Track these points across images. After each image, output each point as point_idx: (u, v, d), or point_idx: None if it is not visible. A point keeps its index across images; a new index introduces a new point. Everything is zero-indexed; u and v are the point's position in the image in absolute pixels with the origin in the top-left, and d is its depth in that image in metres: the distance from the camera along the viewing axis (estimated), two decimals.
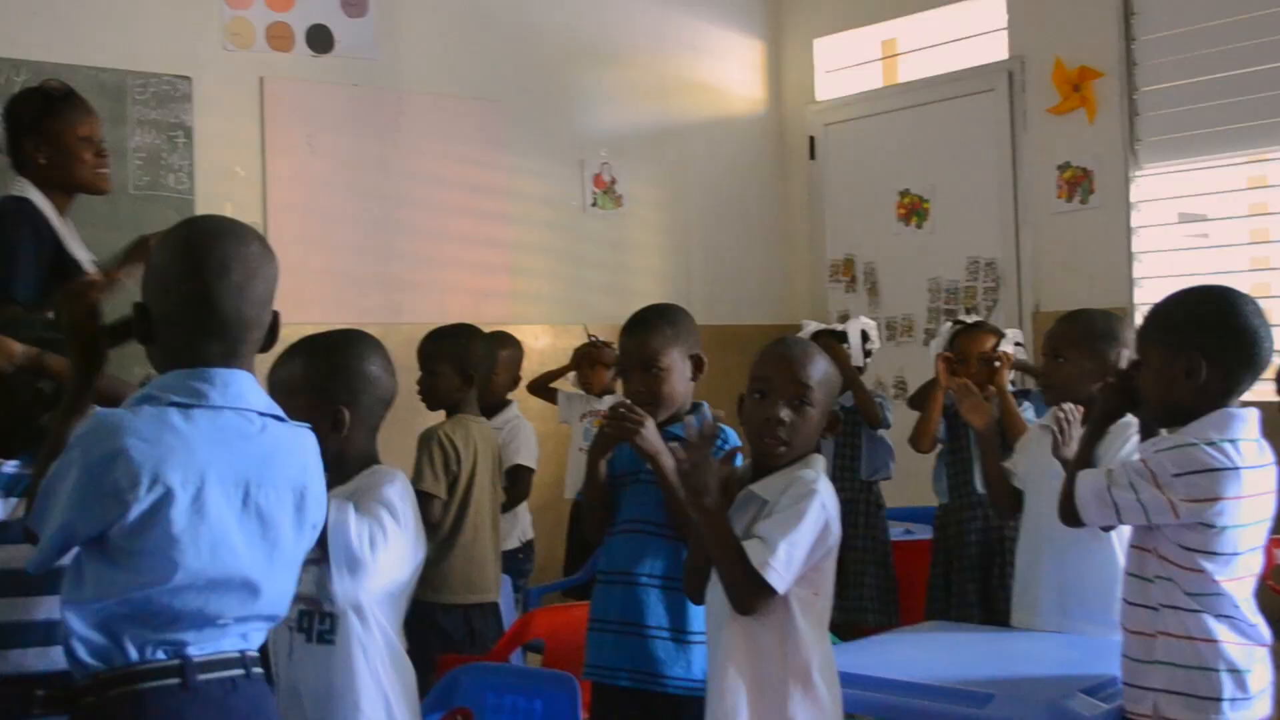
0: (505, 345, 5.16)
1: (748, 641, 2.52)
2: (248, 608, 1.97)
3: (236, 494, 1.95)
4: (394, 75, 6.21)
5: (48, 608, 2.46)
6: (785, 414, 2.56)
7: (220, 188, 5.66)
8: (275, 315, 2.09)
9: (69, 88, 3.80)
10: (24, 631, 2.48)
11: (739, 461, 2.66)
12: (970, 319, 4.99)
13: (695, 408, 3.11)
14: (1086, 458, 2.92)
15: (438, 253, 6.26)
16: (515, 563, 4.86)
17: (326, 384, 2.51)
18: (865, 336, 5.16)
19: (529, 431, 5.04)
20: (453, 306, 6.01)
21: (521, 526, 5.08)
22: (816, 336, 4.97)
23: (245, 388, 2.01)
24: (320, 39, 6.00)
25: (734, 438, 2.95)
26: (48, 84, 3.80)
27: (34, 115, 3.69)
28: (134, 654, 1.90)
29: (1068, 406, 3.23)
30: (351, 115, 6.07)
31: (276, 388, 2.54)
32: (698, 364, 3.11)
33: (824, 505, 2.47)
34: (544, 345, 6.42)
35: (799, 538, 2.44)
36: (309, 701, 2.39)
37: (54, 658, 2.46)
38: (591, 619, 3.11)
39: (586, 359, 5.82)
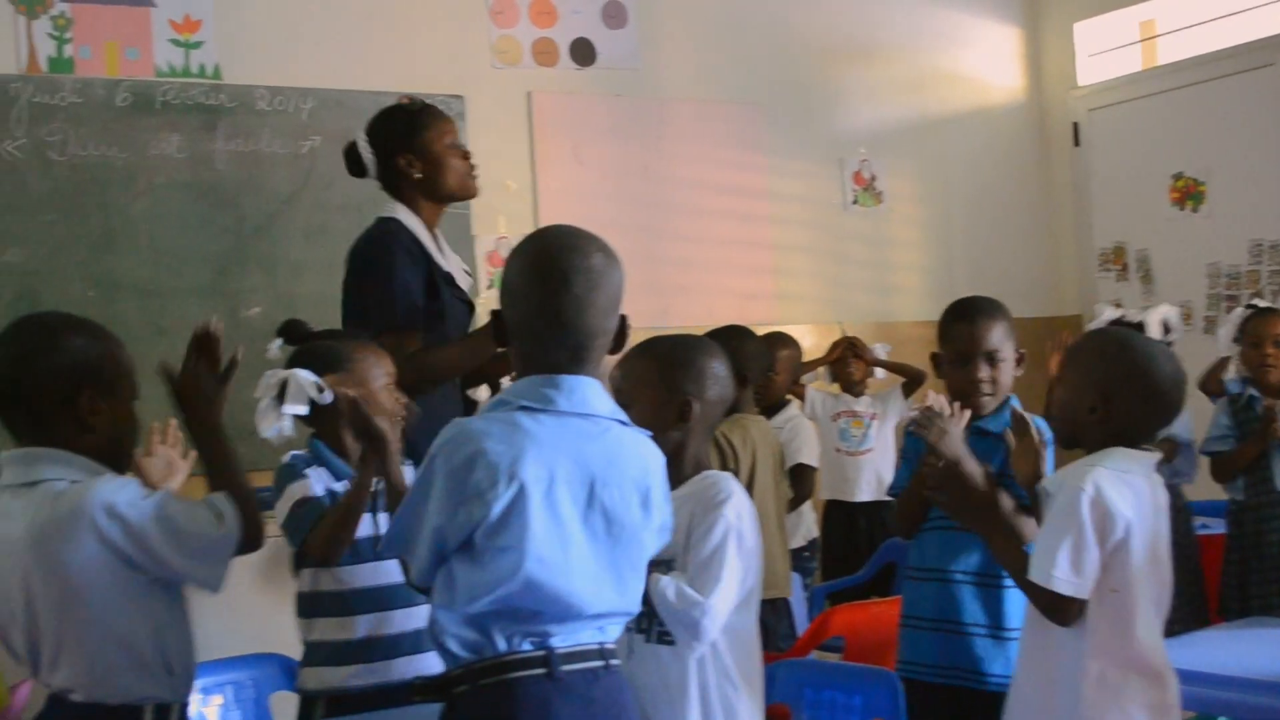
0: (783, 345, 5.15)
1: (1040, 638, 2.51)
2: (601, 603, 2.02)
3: (582, 492, 2.00)
4: (655, 84, 6.30)
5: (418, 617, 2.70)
6: None
7: (494, 201, 5.81)
8: (622, 320, 2.13)
9: (424, 101, 3.77)
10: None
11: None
12: (1261, 303, 4.79)
13: (1002, 404, 3.08)
14: None
15: (702, 256, 6.33)
16: (801, 561, 4.86)
17: (675, 377, 2.54)
18: (1166, 327, 4.90)
19: (809, 430, 5.03)
20: (718, 308, 6.05)
21: (806, 525, 5.08)
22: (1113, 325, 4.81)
23: (590, 394, 2.06)
24: (583, 52, 6.14)
25: (1045, 428, 2.94)
26: (404, 102, 3.77)
27: (403, 132, 3.58)
28: (502, 645, 1.96)
29: None
30: (615, 125, 6.19)
31: (624, 380, 2.59)
32: (1020, 359, 3.11)
33: (1093, 500, 2.41)
34: (809, 345, 6.37)
35: (1081, 538, 2.39)
36: (648, 700, 2.43)
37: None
38: (904, 616, 3.10)
39: (851, 351, 5.75)
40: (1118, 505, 2.42)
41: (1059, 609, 2.41)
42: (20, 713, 3.21)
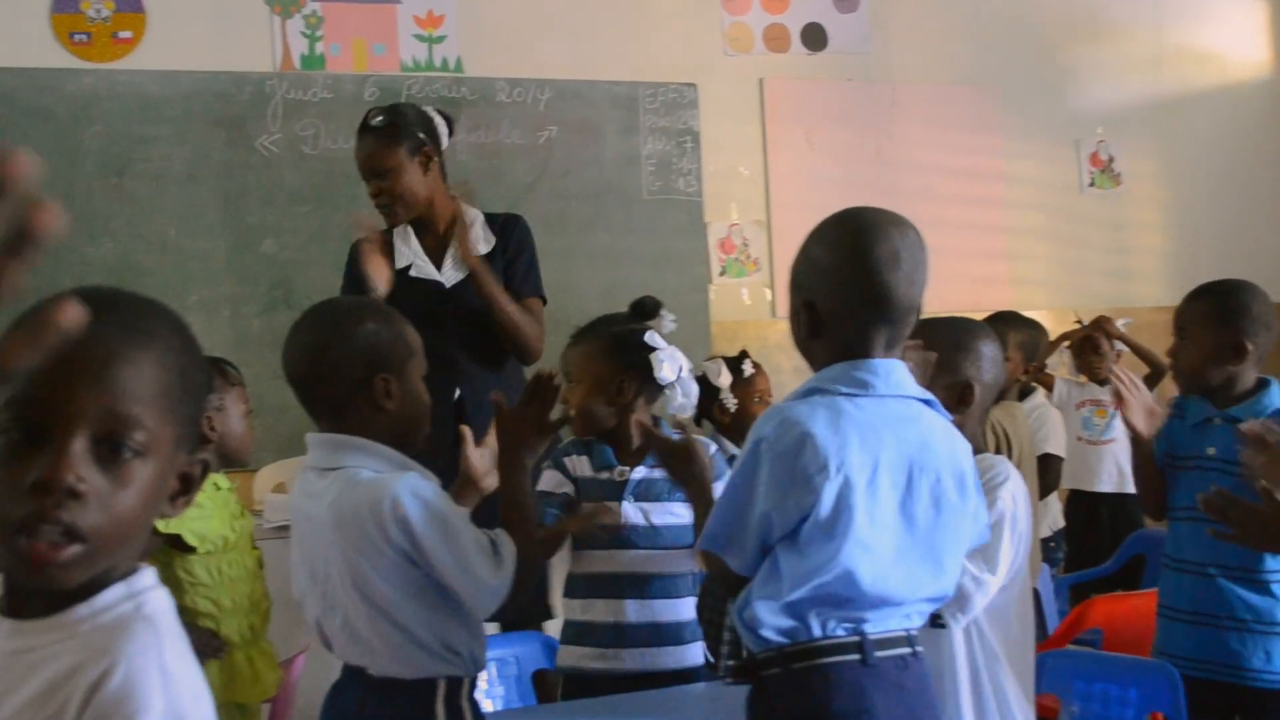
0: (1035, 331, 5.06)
1: None
2: (917, 589, 2.01)
3: (902, 477, 1.98)
4: (886, 67, 6.23)
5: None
6: None
7: (726, 188, 5.87)
8: None
9: (366, 122, 3.82)
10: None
11: None
12: None
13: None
14: None
15: (935, 241, 6.04)
16: (1047, 551, 4.77)
17: (957, 361, 2.50)
18: None
19: (1056, 419, 4.92)
20: (951, 295, 5.94)
21: (1052, 515, 4.98)
22: None
23: (903, 377, 2.05)
24: (815, 37, 6.11)
25: None
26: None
27: None
28: (817, 630, 1.95)
29: None
30: (846, 109, 6.15)
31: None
32: None
33: None
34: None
35: None
36: None
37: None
38: (1161, 605, 3.05)
39: (1090, 342, 5.59)
40: None
41: None
42: (296, 682, 3.34)
